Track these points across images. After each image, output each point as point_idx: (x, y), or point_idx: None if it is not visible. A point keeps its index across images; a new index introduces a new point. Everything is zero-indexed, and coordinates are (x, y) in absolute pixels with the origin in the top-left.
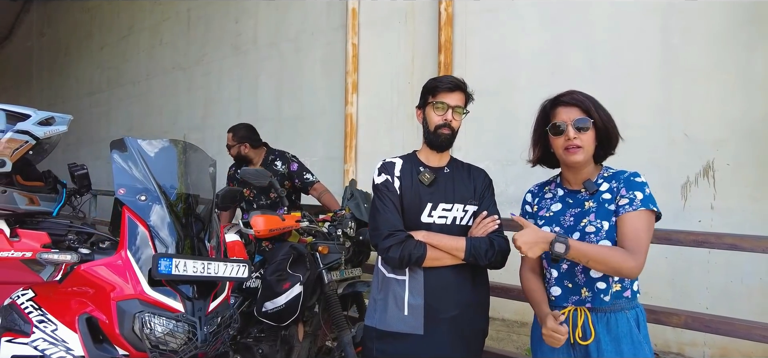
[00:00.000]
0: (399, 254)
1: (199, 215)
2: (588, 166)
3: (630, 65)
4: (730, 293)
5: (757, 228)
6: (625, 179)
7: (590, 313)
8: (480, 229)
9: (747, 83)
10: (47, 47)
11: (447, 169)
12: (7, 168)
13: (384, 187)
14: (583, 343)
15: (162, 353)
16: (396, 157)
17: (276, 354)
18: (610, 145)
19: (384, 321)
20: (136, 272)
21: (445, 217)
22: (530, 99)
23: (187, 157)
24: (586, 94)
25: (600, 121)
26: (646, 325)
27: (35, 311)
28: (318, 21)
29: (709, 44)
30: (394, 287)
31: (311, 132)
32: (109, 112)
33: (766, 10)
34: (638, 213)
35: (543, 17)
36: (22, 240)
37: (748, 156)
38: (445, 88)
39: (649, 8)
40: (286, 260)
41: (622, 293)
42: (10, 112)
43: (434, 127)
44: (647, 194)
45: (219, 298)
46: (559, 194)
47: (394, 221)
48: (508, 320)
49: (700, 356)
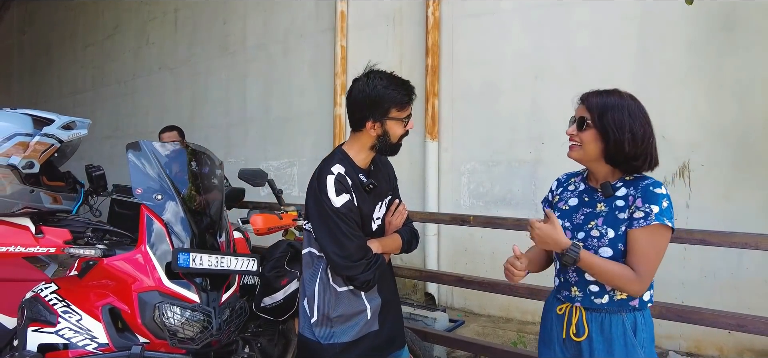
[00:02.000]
0: (372, 274)
1: (210, 212)
2: (602, 168)
3: (609, 69)
4: (703, 288)
5: (730, 225)
6: (643, 188)
7: (585, 311)
8: (398, 217)
9: (719, 88)
10: (29, 46)
11: (372, 167)
12: (35, 169)
13: (347, 210)
14: (576, 339)
15: (180, 340)
16: (336, 165)
17: (274, 348)
18: (621, 159)
19: (344, 333)
20: (155, 265)
21: (379, 216)
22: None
23: (198, 158)
24: (605, 96)
25: (602, 128)
26: (649, 331)
27: (60, 303)
28: (306, 23)
29: (683, 50)
30: (350, 297)
31: (299, 133)
32: (93, 112)
33: (736, 20)
34: (651, 229)
35: (526, 23)
36: (46, 237)
37: (720, 157)
38: (410, 100)
39: (627, 15)
40: (284, 257)
41: (628, 301)
42: (36, 117)
43: (398, 139)
44: (664, 207)
45: (230, 290)
46: (580, 189)
47: (362, 244)
48: (493, 316)
49: (676, 347)
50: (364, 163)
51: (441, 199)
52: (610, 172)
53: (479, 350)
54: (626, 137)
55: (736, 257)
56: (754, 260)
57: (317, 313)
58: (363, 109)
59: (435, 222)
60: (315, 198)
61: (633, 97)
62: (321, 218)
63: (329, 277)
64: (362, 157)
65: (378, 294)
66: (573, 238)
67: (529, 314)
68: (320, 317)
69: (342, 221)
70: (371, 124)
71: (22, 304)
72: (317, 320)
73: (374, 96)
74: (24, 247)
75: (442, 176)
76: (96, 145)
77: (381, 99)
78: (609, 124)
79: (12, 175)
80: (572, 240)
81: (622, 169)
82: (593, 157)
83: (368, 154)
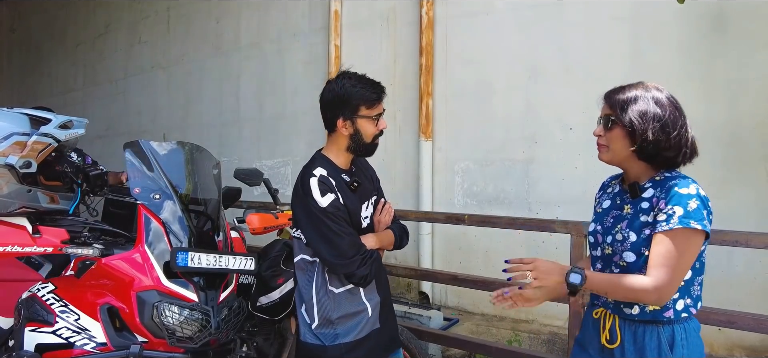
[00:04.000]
0: (368, 270)
1: (207, 211)
2: (634, 167)
3: (601, 70)
4: None
5: (721, 223)
6: (668, 188)
7: (619, 318)
8: (386, 215)
9: (710, 89)
10: (18, 44)
11: (353, 168)
12: (33, 169)
13: (334, 208)
14: (610, 346)
15: (179, 339)
16: (317, 168)
17: (270, 347)
18: (656, 152)
19: (348, 333)
20: (153, 264)
21: (367, 215)
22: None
23: (194, 158)
24: (627, 90)
25: (628, 124)
26: (692, 347)
27: (57, 303)
28: (300, 22)
29: (675, 51)
30: (349, 297)
31: (293, 133)
32: (85, 112)
33: (726, 22)
34: (673, 233)
35: (519, 23)
36: (43, 236)
37: (711, 157)
38: (379, 98)
39: (620, 16)
40: (280, 256)
41: (661, 313)
42: (33, 116)
43: (372, 138)
44: (691, 209)
45: (228, 289)
46: (615, 191)
47: (355, 241)
48: (487, 315)
49: None
50: (344, 165)
51: (435, 198)
52: (644, 171)
53: (474, 348)
54: (651, 127)
55: (726, 255)
56: (743, 258)
57: (318, 317)
58: (333, 108)
59: (430, 221)
60: (301, 203)
61: (659, 88)
62: (309, 221)
63: (326, 280)
64: (341, 159)
65: (377, 292)
66: (603, 242)
67: (522, 313)
68: (322, 320)
69: (331, 220)
70: (342, 122)
71: (19, 304)
72: (319, 323)
73: (343, 94)
74: (21, 246)
75: (436, 175)
76: (87, 145)
77: (349, 97)
78: (633, 117)
79: (9, 175)
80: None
81: (657, 164)
82: (623, 157)
83: (347, 156)
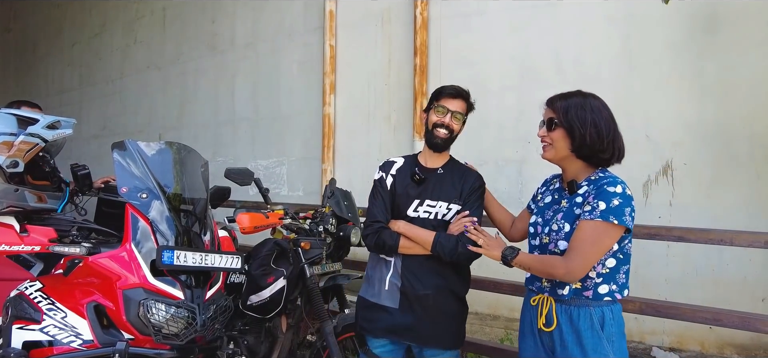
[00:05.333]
0: (374, 242)
1: (195, 211)
2: (572, 165)
3: (594, 70)
4: (685, 284)
5: (711, 222)
6: (599, 186)
7: (555, 303)
8: (455, 225)
9: (700, 89)
10: (14, 43)
11: (441, 171)
12: (20, 168)
13: (378, 183)
14: (547, 329)
15: (165, 336)
16: (399, 157)
17: (260, 345)
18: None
19: (371, 294)
20: (139, 262)
21: (429, 212)
22: (500, 102)
23: (182, 158)
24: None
25: (567, 124)
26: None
27: (44, 301)
28: (295, 22)
29: (666, 52)
30: (383, 266)
31: (289, 132)
32: (80, 111)
33: (717, 23)
34: (593, 223)
35: (512, 23)
36: (31, 235)
37: (702, 157)
38: (447, 93)
39: (612, 17)
40: (270, 256)
41: (581, 292)
42: (20, 116)
43: (432, 126)
44: (613, 206)
45: (214, 287)
46: (555, 187)
47: (376, 213)
48: (481, 314)
49: (659, 343)
50: (428, 163)
51: None
52: (581, 170)
53: (466, 346)
54: (589, 130)
55: (717, 255)
56: (733, 257)
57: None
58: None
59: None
60: None
61: (595, 97)
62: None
63: None
64: (426, 156)
65: (401, 279)
66: (541, 233)
67: (516, 312)
68: (366, 273)
69: (372, 191)
70: (423, 115)
71: (7, 302)
72: (365, 276)
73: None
74: (9, 245)
75: None
76: (83, 145)
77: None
78: (573, 120)
79: None
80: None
81: (593, 163)
82: (564, 155)
83: (431, 153)
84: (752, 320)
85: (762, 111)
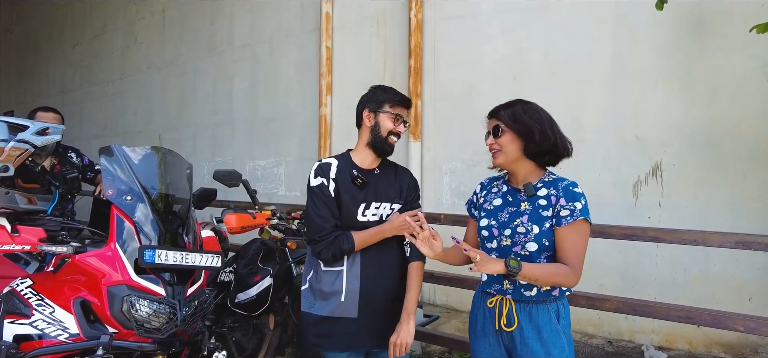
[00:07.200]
0: (331, 253)
1: (178, 212)
2: (523, 167)
3: (585, 72)
4: (674, 283)
5: (699, 222)
6: (563, 188)
7: (514, 303)
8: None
9: (688, 90)
10: (16, 44)
11: (377, 171)
12: (10, 173)
13: (319, 190)
14: (508, 329)
15: (147, 330)
16: (331, 157)
17: (248, 342)
18: (543, 153)
19: (321, 308)
20: (123, 261)
21: (376, 214)
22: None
23: (167, 162)
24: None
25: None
26: (568, 318)
27: (34, 297)
28: (292, 24)
29: (655, 54)
30: (331, 277)
31: (285, 133)
32: (81, 112)
33: (705, 25)
34: (577, 225)
35: (504, 26)
36: (21, 235)
37: (690, 157)
38: (404, 103)
39: (602, 19)
40: (257, 255)
41: (550, 292)
42: (11, 123)
43: (387, 133)
44: (584, 204)
45: (195, 284)
46: (503, 190)
47: (322, 223)
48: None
49: (649, 342)
50: (365, 164)
51: (424, 198)
52: (532, 171)
53: (454, 344)
54: (537, 129)
55: (704, 255)
56: (721, 257)
57: (307, 282)
58: (363, 102)
59: None
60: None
61: (533, 103)
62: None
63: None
64: (364, 158)
65: (361, 284)
66: (499, 235)
67: None
68: (309, 286)
69: (313, 199)
70: (367, 113)
71: (0, 298)
72: (306, 288)
73: (372, 92)
74: (0, 244)
75: (425, 175)
76: (85, 145)
77: (377, 93)
78: (522, 122)
79: None
80: (505, 244)
81: (544, 162)
82: (515, 157)
83: (369, 154)
84: (722, 319)
85: (748, 112)
